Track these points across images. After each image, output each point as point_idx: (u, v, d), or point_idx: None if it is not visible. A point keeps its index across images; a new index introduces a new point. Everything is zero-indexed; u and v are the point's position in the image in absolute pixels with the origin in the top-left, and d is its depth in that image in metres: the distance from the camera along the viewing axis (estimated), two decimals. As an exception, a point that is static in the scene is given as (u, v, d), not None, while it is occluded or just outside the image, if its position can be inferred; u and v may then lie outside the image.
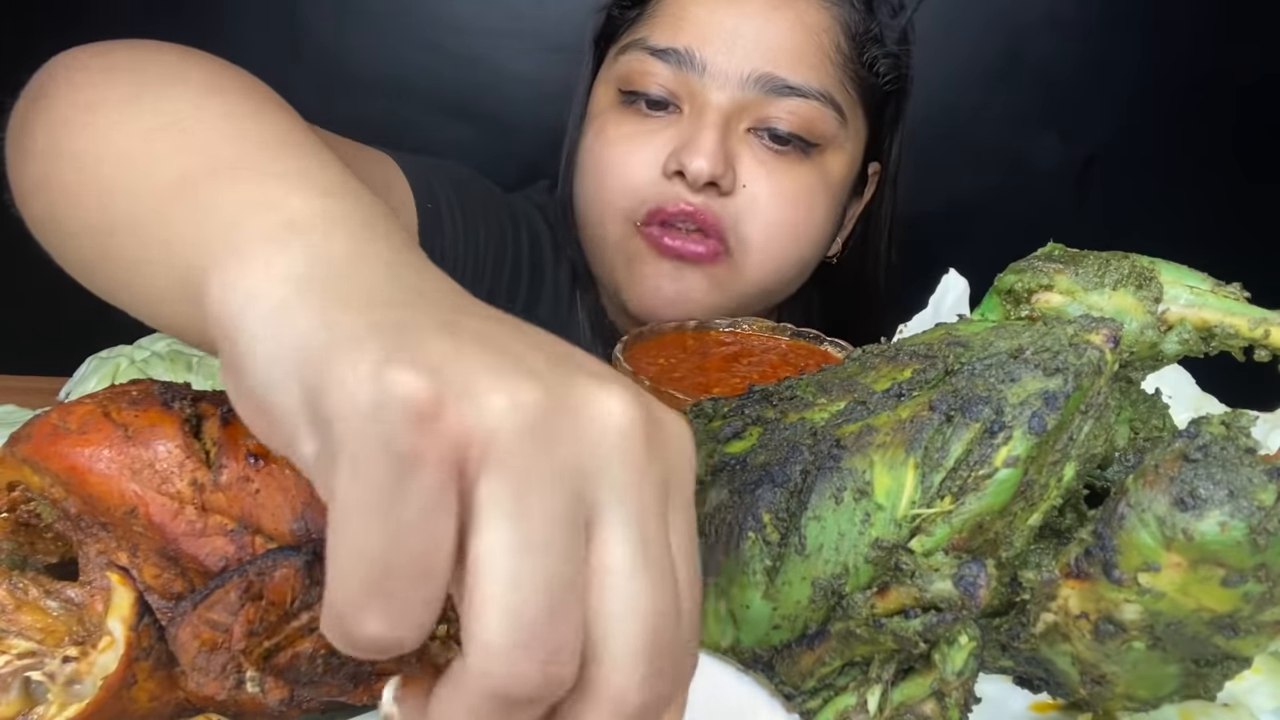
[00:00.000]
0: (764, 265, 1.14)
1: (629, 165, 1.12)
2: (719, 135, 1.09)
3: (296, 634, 0.52)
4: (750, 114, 1.11)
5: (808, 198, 1.15)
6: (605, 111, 1.18)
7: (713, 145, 1.08)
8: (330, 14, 2.17)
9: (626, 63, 1.14)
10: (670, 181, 1.10)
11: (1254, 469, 0.44)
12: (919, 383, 0.56)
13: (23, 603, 0.52)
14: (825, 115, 1.13)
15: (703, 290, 1.13)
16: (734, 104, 1.10)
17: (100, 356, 0.99)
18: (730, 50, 1.10)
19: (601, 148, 1.16)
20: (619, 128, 1.14)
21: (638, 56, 1.13)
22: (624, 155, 1.13)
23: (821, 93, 1.12)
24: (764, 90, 1.10)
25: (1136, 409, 0.61)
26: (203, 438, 0.57)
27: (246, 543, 0.55)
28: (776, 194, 1.12)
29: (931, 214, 2.23)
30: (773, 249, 1.14)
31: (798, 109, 1.11)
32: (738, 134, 1.11)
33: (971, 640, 0.48)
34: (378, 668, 0.55)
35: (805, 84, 1.11)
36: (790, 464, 0.54)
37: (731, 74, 1.10)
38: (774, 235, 1.13)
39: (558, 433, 0.33)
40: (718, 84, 1.10)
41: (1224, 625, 0.47)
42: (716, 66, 1.09)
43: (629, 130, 1.14)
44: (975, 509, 0.50)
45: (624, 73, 1.15)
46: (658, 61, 1.11)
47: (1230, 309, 0.58)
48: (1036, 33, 2.15)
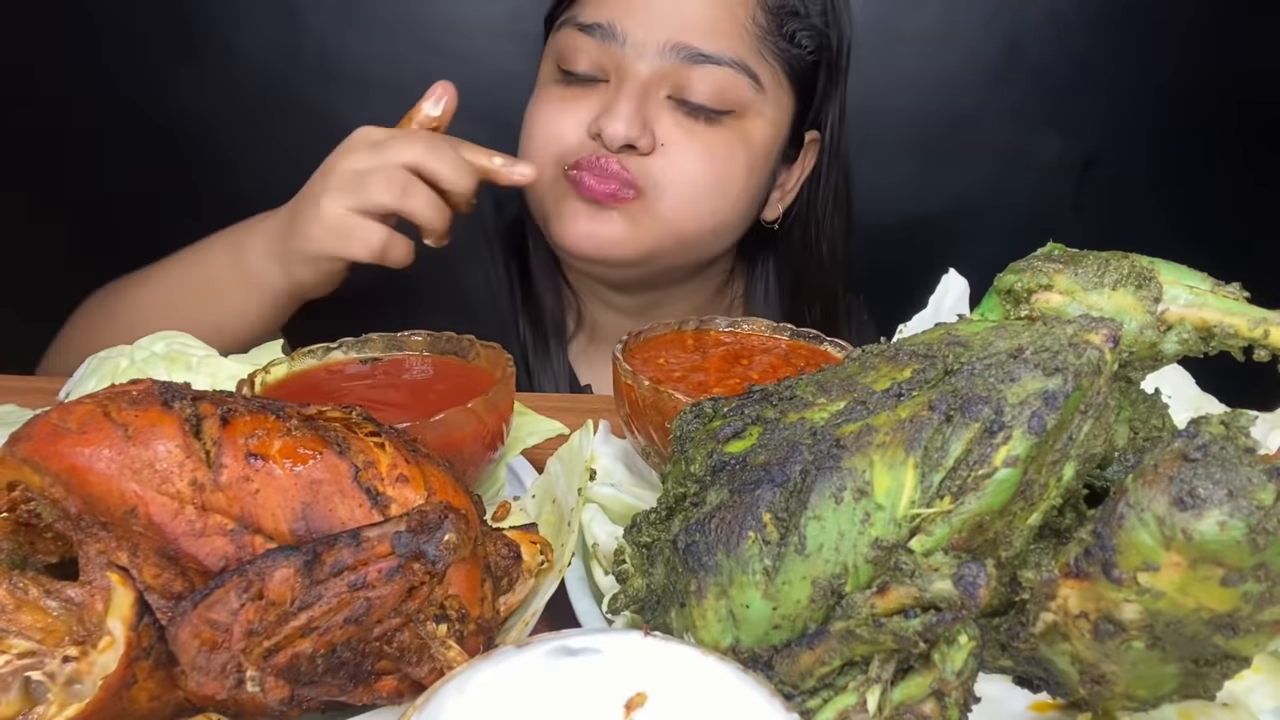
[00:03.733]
0: (676, 206, 1.24)
1: (559, 126, 1.26)
2: (636, 102, 1.21)
3: (296, 634, 0.52)
4: (668, 81, 1.22)
5: (724, 153, 1.25)
6: (545, 84, 1.31)
7: (629, 111, 1.20)
8: (330, 14, 2.18)
9: (560, 39, 1.28)
10: (594, 142, 1.23)
11: (1253, 469, 0.44)
12: (919, 382, 0.56)
13: (23, 602, 0.52)
14: (740, 82, 1.23)
15: (619, 228, 1.25)
16: (653, 72, 1.22)
17: (100, 356, 0.99)
18: (649, 23, 1.21)
19: (537, 112, 1.30)
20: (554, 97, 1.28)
21: (568, 33, 1.26)
22: (555, 118, 1.27)
23: (735, 61, 1.22)
24: (680, 59, 1.21)
25: (1136, 409, 0.61)
26: (203, 437, 0.57)
27: (246, 543, 0.55)
28: (691, 150, 1.23)
29: (932, 214, 2.24)
30: (689, 193, 1.24)
31: (712, 75, 1.21)
32: (657, 100, 1.23)
33: (971, 640, 0.48)
34: (377, 667, 0.55)
35: (719, 52, 1.21)
36: (790, 464, 0.54)
37: (649, 44, 1.21)
38: (687, 181, 1.24)
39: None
40: (637, 54, 1.22)
41: (1223, 625, 0.47)
42: (635, 38, 1.21)
43: (561, 96, 1.27)
44: (975, 509, 0.50)
45: (559, 49, 1.28)
46: (584, 36, 1.24)
47: (1230, 309, 0.58)
48: (1036, 33, 2.15)
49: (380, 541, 0.53)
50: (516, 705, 0.47)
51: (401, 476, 0.59)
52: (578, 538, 0.72)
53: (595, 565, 0.72)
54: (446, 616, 0.55)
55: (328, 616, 0.52)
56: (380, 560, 0.52)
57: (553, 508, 0.78)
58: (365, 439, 0.61)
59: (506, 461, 0.89)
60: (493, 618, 0.60)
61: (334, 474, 0.58)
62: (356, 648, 0.53)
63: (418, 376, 0.88)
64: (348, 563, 0.52)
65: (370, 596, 0.52)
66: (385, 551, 0.53)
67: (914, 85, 2.19)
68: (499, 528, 0.67)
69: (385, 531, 0.53)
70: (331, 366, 0.88)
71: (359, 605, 0.52)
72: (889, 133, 2.21)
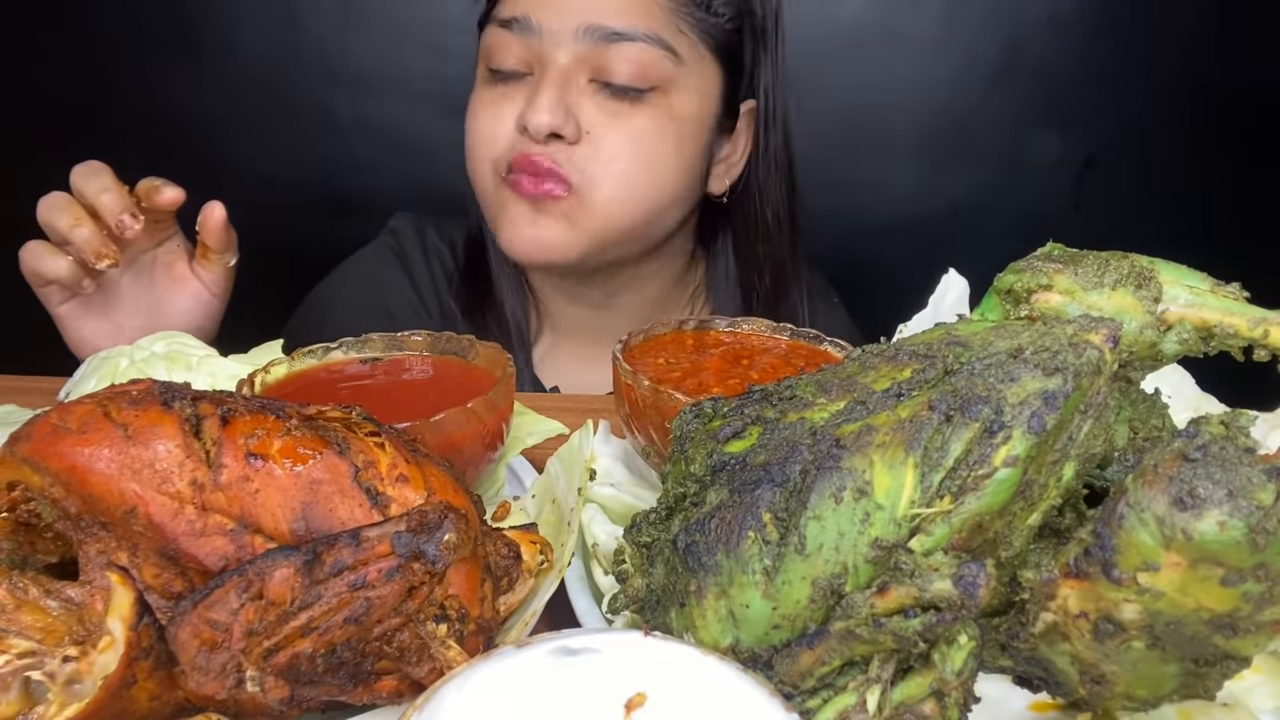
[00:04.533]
0: (613, 198, 1.25)
1: (491, 129, 1.27)
2: (556, 91, 1.22)
3: (296, 634, 0.52)
4: (588, 65, 1.23)
5: (651, 134, 1.26)
6: (478, 87, 1.33)
7: (550, 100, 1.21)
8: (330, 14, 2.18)
9: (485, 37, 1.30)
10: (522, 137, 1.24)
11: (1253, 469, 0.44)
12: (919, 382, 0.56)
13: (23, 602, 0.52)
14: (657, 56, 1.24)
15: (557, 229, 1.26)
16: (572, 58, 1.23)
17: (100, 356, 0.99)
18: (561, 10, 1.23)
19: (471, 116, 1.32)
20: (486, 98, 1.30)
21: (492, 30, 1.28)
22: (488, 120, 1.28)
23: (650, 35, 1.23)
24: (595, 40, 1.22)
25: (1136, 409, 0.61)
26: (202, 437, 0.57)
27: (246, 543, 0.55)
28: (618, 134, 1.24)
29: (932, 214, 2.24)
30: (620, 182, 1.25)
31: (628, 53, 1.22)
32: (579, 86, 1.24)
33: (971, 640, 0.48)
34: (377, 667, 0.55)
35: (632, 29, 1.22)
36: (790, 464, 0.54)
37: (564, 31, 1.22)
38: (618, 170, 1.24)
39: None
40: (554, 42, 1.23)
41: (1223, 624, 0.47)
42: (550, 27, 1.23)
43: (490, 97, 1.28)
44: (975, 509, 0.50)
45: (486, 49, 1.30)
46: (505, 32, 1.25)
47: (1229, 309, 0.58)
48: (1036, 33, 2.15)
49: (380, 541, 0.53)
50: (516, 705, 0.47)
51: (401, 476, 0.59)
52: (578, 538, 0.72)
53: (595, 565, 0.72)
54: (446, 616, 0.55)
55: (328, 616, 0.52)
56: (380, 560, 0.52)
57: (553, 508, 0.78)
58: (365, 439, 0.61)
59: (506, 461, 0.89)
60: (493, 618, 0.60)
61: (334, 474, 0.58)
62: (356, 648, 0.53)
63: (418, 376, 0.88)
64: (348, 563, 0.52)
65: (370, 596, 0.52)
66: (385, 551, 0.53)
67: (914, 85, 2.19)
68: (499, 528, 0.67)
69: (385, 531, 0.53)
70: (331, 366, 0.88)
71: (359, 605, 0.52)
72: (889, 133, 2.21)
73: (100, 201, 1.07)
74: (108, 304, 1.18)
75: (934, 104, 2.20)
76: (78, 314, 1.16)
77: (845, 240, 2.03)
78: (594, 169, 1.23)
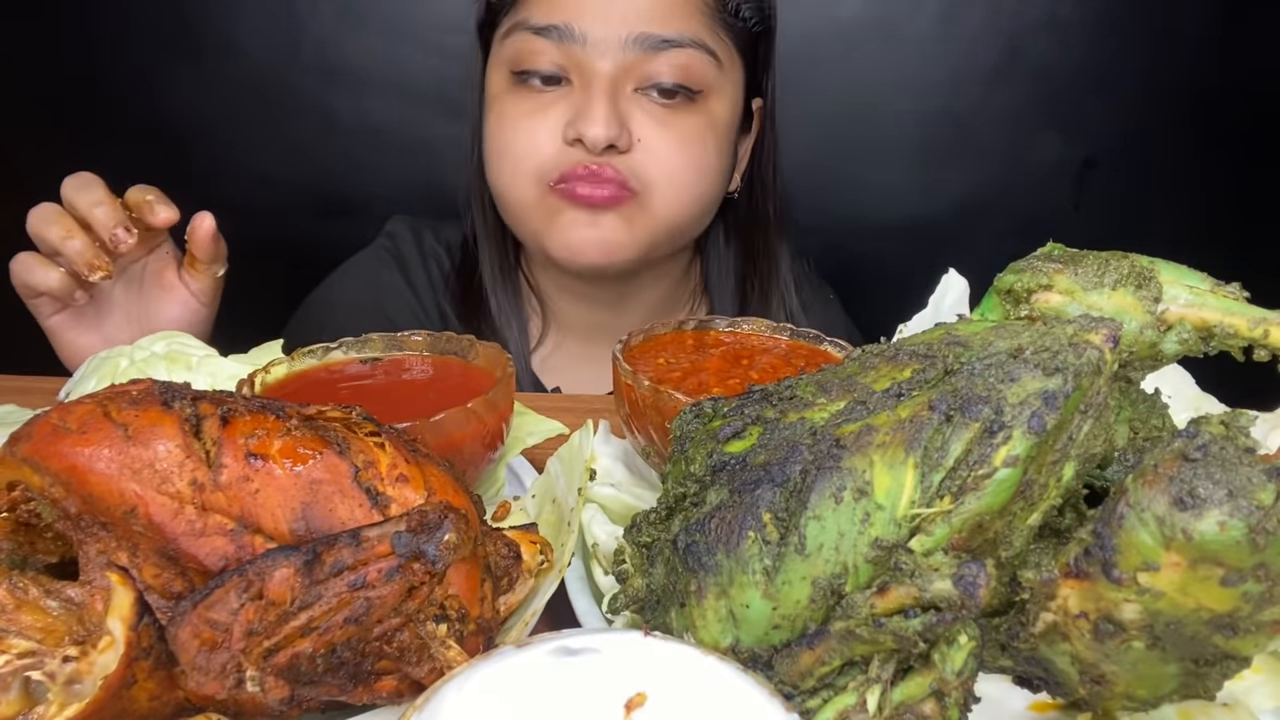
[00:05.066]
0: (669, 202, 1.26)
1: (533, 140, 1.24)
2: (609, 101, 1.20)
3: (296, 634, 0.52)
4: (634, 74, 1.22)
5: (699, 140, 1.26)
6: (501, 95, 1.29)
7: (605, 111, 1.19)
8: (330, 14, 2.18)
9: (512, 44, 1.26)
10: (572, 148, 1.22)
11: (1253, 469, 0.44)
12: (919, 382, 0.56)
13: (23, 602, 0.52)
14: (702, 61, 1.24)
15: (618, 229, 1.26)
16: (618, 68, 1.21)
17: (100, 356, 0.99)
18: (606, 19, 1.21)
19: (505, 130, 1.28)
20: (517, 107, 1.26)
21: (522, 37, 1.24)
22: (527, 132, 1.25)
23: (695, 40, 1.23)
24: (643, 49, 1.21)
25: (1136, 409, 0.61)
26: (202, 437, 0.57)
27: (246, 543, 0.55)
28: (669, 141, 1.24)
29: (932, 214, 2.24)
30: (674, 186, 1.26)
31: (676, 60, 1.22)
32: (626, 95, 1.23)
33: (971, 640, 0.48)
34: (377, 667, 0.55)
35: (679, 35, 1.22)
36: (790, 464, 0.54)
37: (611, 40, 1.21)
38: (673, 175, 1.25)
39: None
40: (599, 52, 1.21)
41: (1223, 625, 0.47)
42: (595, 35, 1.20)
43: (526, 108, 1.25)
44: (975, 509, 0.50)
45: (512, 54, 1.26)
46: (541, 39, 1.22)
47: (1229, 309, 0.58)
48: (1036, 33, 2.15)
49: (380, 541, 0.53)
50: (516, 705, 0.47)
51: (401, 476, 0.59)
52: (578, 538, 0.72)
53: (595, 565, 0.72)
54: (446, 616, 0.55)
55: (328, 616, 0.52)
56: (380, 560, 0.52)
57: (553, 508, 0.78)
58: (365, 439, 0.61)
59: (506, 461, 0.89)
60: (493, 618, 0.60)
61: (334, 474, 0.58)
62: (356, 648, 0.53)
63: (418, 376, 0.88)
64: (348, 562, 0.52)
65: (370, 596, 0.52)
66: (385, 551, 0.53)
67: (914, 86, 2.19)
68: (499, 528, 0.67)
69: (385, 531, 0.53)
70: (331, 366, 0.88)
71: (359, 605, 0.52)
72: (889, 133, 2.21)
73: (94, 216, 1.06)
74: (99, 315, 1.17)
75: (934, 104, 2.20)
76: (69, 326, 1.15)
77: (845, 240, 2.03)
78: (649, 174, 1.23)
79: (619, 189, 1.22)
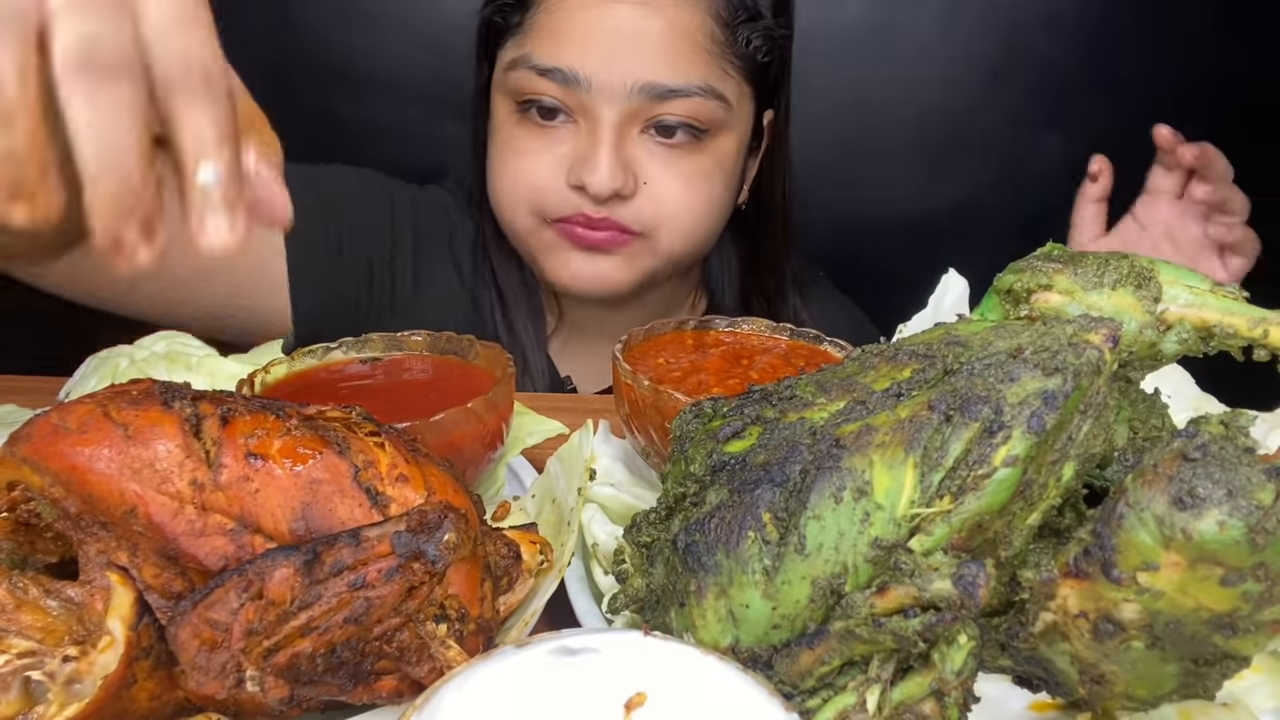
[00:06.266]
0: (672, 243, 1.26)
1: (534, 176, 1.23)
2: (613, 149, 1.19)
3: (296, 633, 0.52)
4: (639, 118, 1.21)
5: (704, 182, 1.25)
6: (505, 124, 1.27)
7: (609, 162, 1.18)
8: (330, 14, 2.18)
9: (516, 79, 1.24)
10: (574, 192, 1.21)
11: (1253, 468, 0.44)
12: (918, 382, 0.56)
13: (23, 602, 0.52)
14: (709, 106, 1.22)
15: (617, 267, 1.25)
16: (622, 114, 1.19)
17: (100, 356, 0.99)
18: (610, 66, 1.18)
19: (508, 160, 1.26)
20: (521, 142, 1.24)
21: (525, 75, 1.22)
22: (529, 167, 1.23)
23: (702, 88, 1.21)
24: (648, 97, 1.19)
25: (1136, 409, 0.61)
26: (202, 437, 0.57)
27: (246, 542, 0.55)
28: (674, 184, 1.23)
29: (932, 214, 2.24)
30: (680, 229, 1.25)
31: (682, 109, 1.20)
32: (631, 139, 1.21)
33: (970, 640, 0.48)
34: (377, 667, 0.55)
35: (686, 84, 1.19)
36: (790, 464, 0.54)
37: (615, 87, 1.18)
38: (679, 216, 1.24)
39: None
40: (604, 98, 1.19)
41: (1223, 624, 0.47)
42: (600, 81, 1.18)
43: (531, 145, 1.23)
44: (974, 509, 0.50)
45: (514, 87, 1.24)
46: (544, 80, 1.20)
47: (1229, 309, 0.58)
48: (1036, 33, 2.15)
49: (380, 541, 0.53)
50: (516, 705, 0.47)
51: (401, 476, 0.59)
52: (578, 538, 0.72)
53: (595, 565, 0.72)
54: (446, 616, 0.56)
55: (327, 616, 0.52)
56: (380, 560, 0.52)
57: (552, 508, 0.78)
58: (365, 439, 0.61)
59: (506, 461, 0.89)
60: (493, 617, 0.60)
61: (334, 474, 0.58)
62: (356, 647, 0.53)
63: (418, 376, 0.88)
64: (347, 562, 0.52)
65: (370, 596, 0.52)
66: (385, 551, 0.53)
67: (914, 85, 2.19)
68: (499, 527, 0.67)
69: (385, 531, 0.53)
70: (331, 366, 0.88)
71: (359, 605, 0.52)
72: (889, 133, 2.21)
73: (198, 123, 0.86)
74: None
75: (934, 104, 2.20)
76: None
77: (845, 240, 2.03)
78: (653, 217, 1.22)
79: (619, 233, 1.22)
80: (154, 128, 0.46)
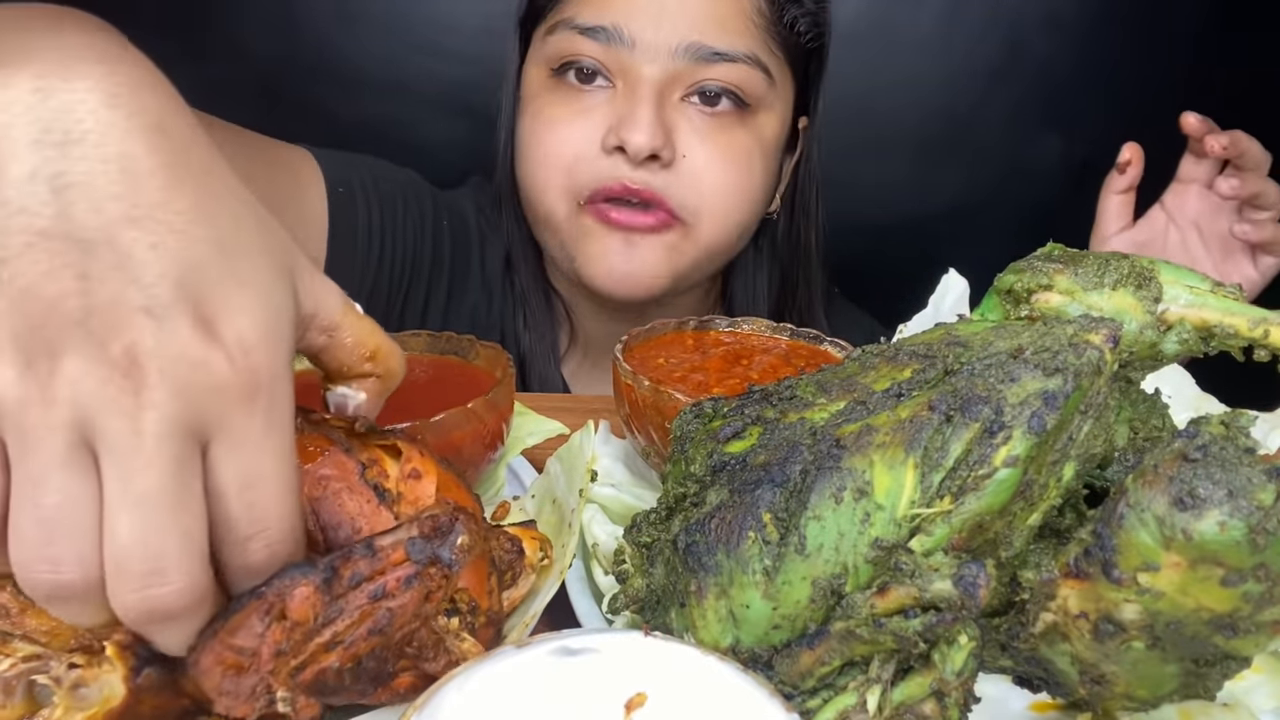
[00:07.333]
0: (714, 229, 1.19)
1: (568, 144, 1.16)
2: (654, 108, 1.13)
3: (321, 650, 0.51)
4: (682, 82, 1.15)
5: (745, 160, 1.20)
6: (539, 94, 1.21)
7: (650, 119, 1.12)
8: (330, 14, 2.18)
9: (555, 43, 1.18)
10: (610, 157, 1.15)
11: (1253, 469, 0.45)
12: (919, 383, 0.56)
13: (27, 606, 0.52)
14: (754, 77, 1.17)
15: (656, 259, 1.18)
16: (665, 75, 1.14)
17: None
18: (657, 24, 1.14)
19: (540, 130, 1.19)
20: (554, 109, 1.18)
21: (566, 36, 1.17)
22: (563, 135, 1.17)
23: (749, 55, 1.17)
24: (693, 59, 1.14)
25: (1136, 409, 0.61)
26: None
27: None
28: (715, 159, 1.17)
29: (932, 214, 2.24)
30: (719, 212, 1.19)
31: (727, 74, 1.15)
32: (672, 103, 1.16)
33: (971, 640, 0.48)
34: (397, 667, 0.54)
35: (732, 49, 1.15)
36: (790, 464, 0.54)
37: (660, 47, 1.14)
38: (719, 199, 1.18)
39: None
40: (648, 58, 1.14)
41: (1223, 625, 0.47)
42: (645, 40, 1.13)
43: (564, 111, 1.17)
44: (975, 509, 0.50)
45: (553, 52, 1.18)
46: (587, 40, 1.15)
47: (1229, 309, 0.58)
48: (1036, 33, 2.15)
49: (395, 549, 0.52)
50: (516, 705, 0.47)
51: (414, 471, 0.60)
52: (579, 539, 0.72)
53: (595, 565, 0.72)
54: (458, 610, 0.55)
55: (351, 630, 0.51)
56: (396, 569, 0.52)
57: (553, 508, 0.78)
58: (372, 447, 0.61)
59: (506, 461, 0.89)
60: (500, 610, 0.61)
61: (341, 470, 0.58)
62: (380, 656, 0.53)
63: (418, 376, 0.88)
64: (365, 574, 0.52)
65: (391, 606, 0.52)
66: (400, 559, 0.52)
67: (914, 85, 2.19)
68: (499, 525, 0.67)
69: (399, 539, 0.53)
70: (332, 367, 0.88)
71: (381, 616, 0.51)
72: (889, 133, 2.21)
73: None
74: None
75: (933, 104, 2.20)
76: None
77: (845, 240, 2.02)
78: (692, 198, 1.16)
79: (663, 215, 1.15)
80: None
